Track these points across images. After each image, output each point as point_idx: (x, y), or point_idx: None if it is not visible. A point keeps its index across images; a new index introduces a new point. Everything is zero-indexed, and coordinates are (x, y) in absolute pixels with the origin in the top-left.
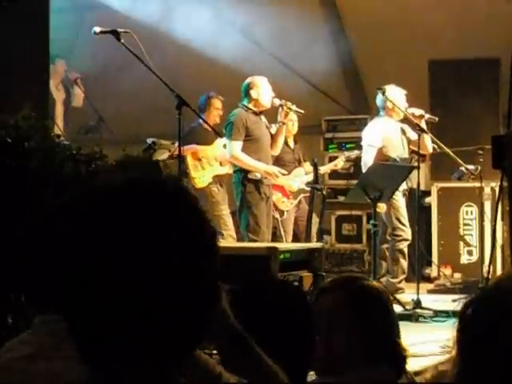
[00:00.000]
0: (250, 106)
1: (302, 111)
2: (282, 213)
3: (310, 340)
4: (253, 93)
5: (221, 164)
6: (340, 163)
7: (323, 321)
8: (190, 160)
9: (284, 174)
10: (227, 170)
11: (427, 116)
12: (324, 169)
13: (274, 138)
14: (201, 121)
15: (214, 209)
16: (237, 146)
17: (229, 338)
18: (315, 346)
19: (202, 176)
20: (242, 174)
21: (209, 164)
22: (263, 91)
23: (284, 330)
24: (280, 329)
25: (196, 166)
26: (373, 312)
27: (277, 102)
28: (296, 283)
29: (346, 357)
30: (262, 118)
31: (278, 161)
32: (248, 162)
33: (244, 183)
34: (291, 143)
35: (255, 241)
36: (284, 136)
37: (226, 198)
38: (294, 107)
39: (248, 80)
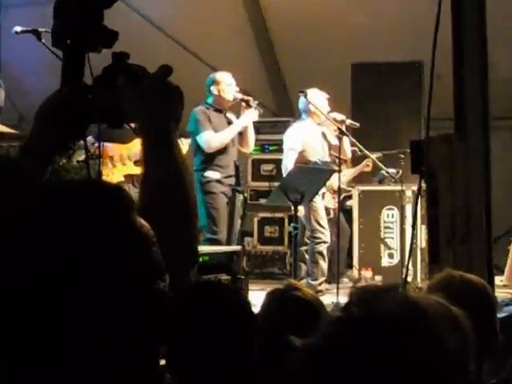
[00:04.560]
0: (213, 102)
1: (261, 110)
2: (328, 211)
3: (248, 344)
4: (213, 89)
5: (135, 163)
6: (370, 165)
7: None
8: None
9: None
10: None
11: (348, 121)
12: (352, 172)
13: (242, 135)
14: None
15: None
16: (208, 135)
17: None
18: (253, 351)
19: (110, 174)
20: (200, 173)
21: (121, 163)
22: (224, 87)
23: (223, 333)
24: (219, 333)
25: (106, 163)
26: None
27: (239, 96)
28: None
29: None
30: (228, 115)
31: None
32: (226, 134)
33: (202, 183)
34: None
35: (215, 240)
36: (253, 131)
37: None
38: (254, 104)
39: (210, 76)
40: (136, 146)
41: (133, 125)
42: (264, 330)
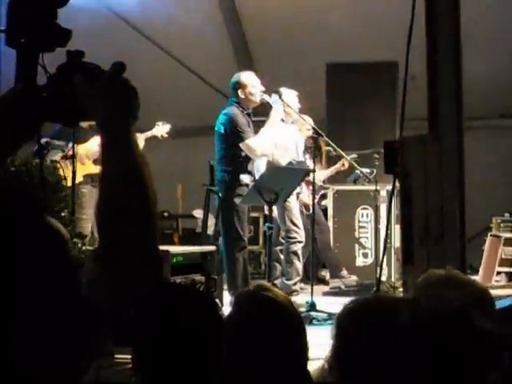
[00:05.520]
0: (239, 103)
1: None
2: (308, 207)
3: (216, 346)
4: (240, 92)
5: (94, 162)
6: (346, 164)
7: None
8: (58, 158)
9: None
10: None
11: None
12: (328, 172)
13: None
14: None
15: (77, 211)
16: (253, 143)
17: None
18: (221, 354)
19: (70, 174)
20: (234, 176)
21: (80, 162)
22: (251, 90)
23: (192, 334)
24: (188, 334)
25: (65, 164)
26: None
27: (265, 97)
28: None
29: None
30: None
31: None
32: (265, 138)
33: (233, 185)
34: None
35: (243, 246)
36: None
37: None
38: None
39: (235, 78)
40: (94, 145)
41: (85, 124)
42: (234, 332)
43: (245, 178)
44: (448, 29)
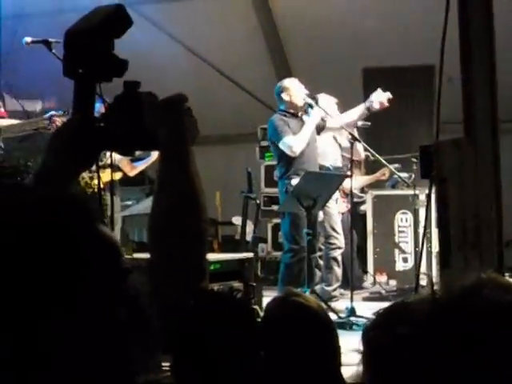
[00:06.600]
0: (286, 109)
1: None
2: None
3: (252, 355)
4: (284, 96)
5: (106, 168)
6: (387, 174)
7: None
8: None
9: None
10: (121, 175)
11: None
12: (366, 180)
13: None
14: None
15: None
16: (290, 139)
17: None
18: (257, 362)
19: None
20: (285, 182)
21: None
22: (294, 92)
23: (227, 343)
24: (223, 343)
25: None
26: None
27: (308, 101)
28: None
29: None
30: (304, 117)
31: None
32: (303, 134)
33: (287, 191)
34: None
35: (299, 250)
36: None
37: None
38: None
39: (279, 84)
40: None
41: None
42: (265, 338)
43: (296, 182)
44: (482, 30)
